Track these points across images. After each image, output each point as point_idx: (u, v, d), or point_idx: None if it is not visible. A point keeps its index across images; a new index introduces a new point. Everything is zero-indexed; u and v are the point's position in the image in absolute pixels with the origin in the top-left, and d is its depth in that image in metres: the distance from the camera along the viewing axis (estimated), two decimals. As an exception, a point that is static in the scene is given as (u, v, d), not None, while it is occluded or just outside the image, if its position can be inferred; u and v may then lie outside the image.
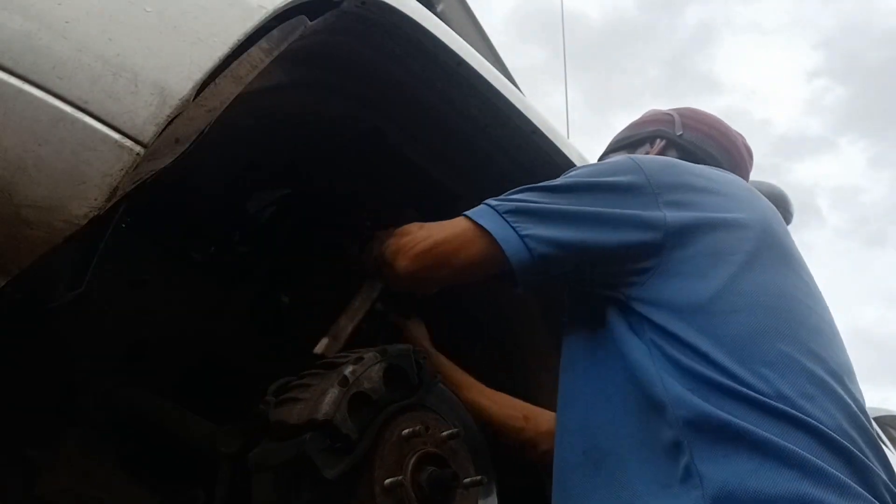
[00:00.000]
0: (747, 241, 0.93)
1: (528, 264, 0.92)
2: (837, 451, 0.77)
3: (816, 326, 0.92)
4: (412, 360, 1.05)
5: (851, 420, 0.83)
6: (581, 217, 0.93)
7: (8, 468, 1.07)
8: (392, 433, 0.97)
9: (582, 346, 0.98)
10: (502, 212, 0.95)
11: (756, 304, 0.88)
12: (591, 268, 0.95)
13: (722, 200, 0.98)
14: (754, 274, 0.91)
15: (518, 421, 1.25)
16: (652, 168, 0.97)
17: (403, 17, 1.06)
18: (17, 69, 0.62)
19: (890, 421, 3.78)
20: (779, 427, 0.77)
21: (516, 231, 0.93)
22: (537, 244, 0.92)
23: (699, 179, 1.00)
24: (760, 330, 0.86)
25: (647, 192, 0.94)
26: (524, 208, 0.95)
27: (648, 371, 0.85)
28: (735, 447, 0.77)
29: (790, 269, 0.96)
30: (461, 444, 1.06)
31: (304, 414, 0.91)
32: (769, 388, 0.80)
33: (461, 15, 2.69)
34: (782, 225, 1.02)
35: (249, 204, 1.35)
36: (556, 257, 0.93)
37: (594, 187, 0.96)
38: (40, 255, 0.64)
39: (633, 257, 0.92)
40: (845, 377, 0.89)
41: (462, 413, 1.14)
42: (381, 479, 0.93)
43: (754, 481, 0.74)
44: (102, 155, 0.64)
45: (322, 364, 1.00)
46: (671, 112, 1.34)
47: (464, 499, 1.01)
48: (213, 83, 0.76)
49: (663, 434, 0.81)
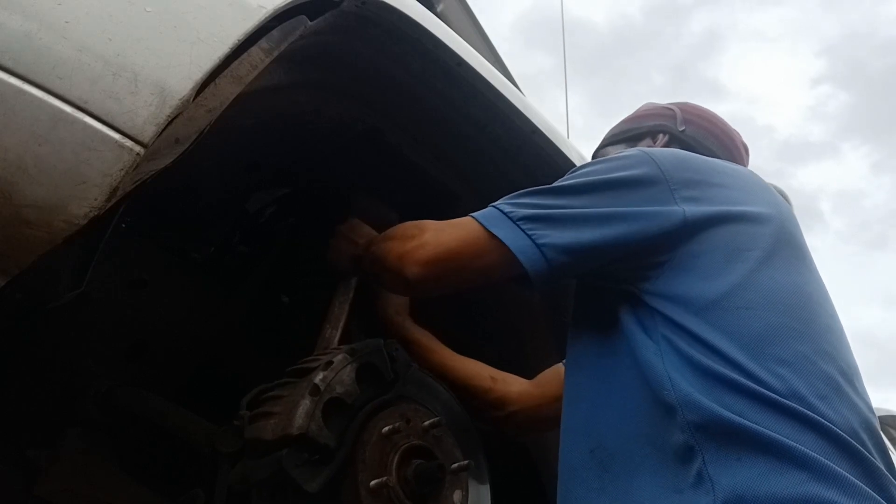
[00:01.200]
0: (765, 237, 0.92)
1: (546, 273, 0.90)
2: (848, 452, 0.77)
3: (828, 325, 0.91)
4: (384, 354, 1.02)
5: (862, 422, 0.83)
6: (597, 218, 0.91)
7: (8, 468, 1.08)
8: (372, 433, 0.95)
9: (589, 344, 0.96)
10: (516, 219, 0.92)
11: (773, 302, 0.87)
12: (608, 265, 0.93)
13: (738, 195, 0.96)
14: (771, 270, 0.89)
15: (485, 381, 1.23)
16: (666, 161, 0.95)
17: (403, 16, 1.06)
18: (17, 69, 0.62)
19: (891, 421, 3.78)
20: (791, 427, 0.76)
21: (532, 240, 0.90)
22: (555, 253, 0.89)
23: (715, 174, 0.98)
24: (776, 328, 0.84)
25: (663, 185, 0.92)
26: (538, 215, 0.92)
27: (657, 371, 0.84)
28: (747, 450, 0.76)
29: (804, 266, 0.95)
30: (445, 431, 1.04)
31: (278, 430, 0.89)
32: (784, 387, 0.79)
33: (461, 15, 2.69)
34: (795, 220, 1.01)
35: (249, 204, 1.35)
36: (573, 263, 0.91)
37: (608, 185, 0.93)
38: (40, 255, 0.64)
39: (649, 251, 0.90)
40: (854, 378, 0.88)
41: (443, 396, 1.12)
42: (367, 482, 0.91)
43: (765, 484, 0.73)
44: (102, 155, 0.64)
45: (292, 371, 0.98)
46: (672, 106, 1.32)
47: (453, 484, 1.01)
48: (213, 83, 0.76)
49: (674, 437, 0.80)
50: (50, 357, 1.06)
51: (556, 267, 0.90)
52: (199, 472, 1.12)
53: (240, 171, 1.25)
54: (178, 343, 1.21)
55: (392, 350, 1.05)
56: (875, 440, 0.83)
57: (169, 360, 1.21)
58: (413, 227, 1.03)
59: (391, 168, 1.30)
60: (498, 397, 1.23)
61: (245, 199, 1.34)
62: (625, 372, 0.88)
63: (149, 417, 1.12)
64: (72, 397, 1.10)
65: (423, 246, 0.97)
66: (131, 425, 1.13)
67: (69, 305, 0.87)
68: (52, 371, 1.07)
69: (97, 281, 1.02)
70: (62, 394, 1.09)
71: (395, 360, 1.04)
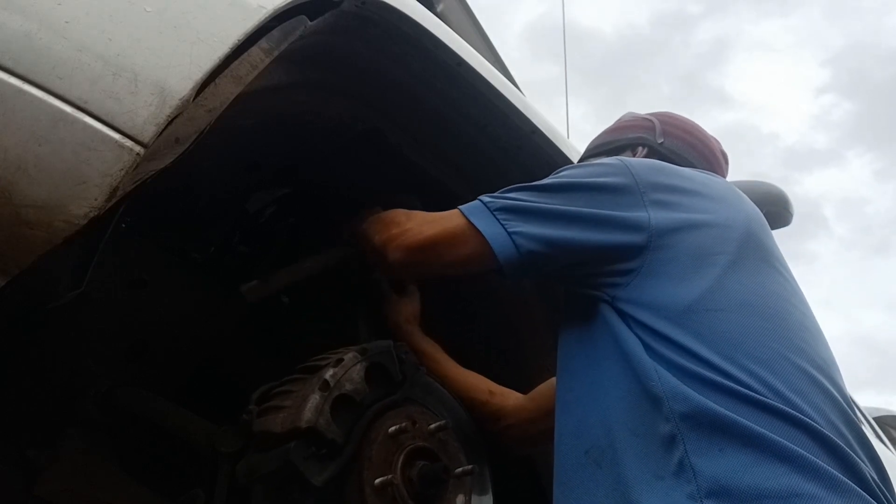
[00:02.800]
0: (730, 242, 0.96)
1: (515, 260, 0.95)
2: (828, 447, 0.79)
3: (801, 323, 0.94)
4: (393, 355, 1.04)
5: (841, 416, 0.85)
6: (569, 216, 0.95)
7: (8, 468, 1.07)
8: (378, 432, 0.97)
9: (578, 349, 0.99)
10: (493, 209, 0.98)
11: (743, 304, 0.90)
12: (579, 267, 0.97)
13: (706, 202, 1.00)
14: (739, 275, 0.93)
15: (482, 394, 1.27)
16: (640, 169, 1.01)
17: (403, 16, 1.06)
18: (17, 69, 0.62)
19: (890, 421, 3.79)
20: (771, 423, 0.78)
21: (505, 228, 0.95)
22: (525, 241, 0.94)
23: (685, 181, 1.03)
24: (749, 328, 0.87)
25: (635, 192, 0.97)
26: (514, 206, 0.97)
27: (644, 363, 0.86)
28: (729, 441, 0.78)
29: (773, 269, 0.98)
30: (450, 435, 1.06)
31: (287, 423, 0.91)
32: (761, 385, 0.82)
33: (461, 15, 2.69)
34: (764, 225, 1.05)
35: (249, 204, 1.35)
36: (542, 254, 0.95)
37: (584, 187, 0.98)
38: (40, 255, 0.64)
39: (618, 258, 0.94)
40: (832, 371, 0.91)
41: (450, 402, 1.14)
42: (371, 480, 0.93)
43: (749, 476, 0.75)
44: (102, 155, 0.64)
45: (303, 368, 1.00)
46: (651, 118, 1.34)
47: (456, 489, 1.01)
48: (213, 83, 0.76)
49: (659, 427, 0.82)
50: (50, 357, 1.06)
51: (525, 256, 0.94)
52: (199, 472, 1.12)
53: (240, 171, 1.25)
54: (177, 343, 1.21)
55: (401, 353, 1.06)
56: (855, 432, 0.85)
57: (169, 360, 1.20)
58: (402, 214, 1.10)
59: (391, 168, 1.30)
60: (494, 411, 1.26)
61: (245, 199, 1.34)
62: (612, 366, 0.90)
63: (149, 417, 1.12)
64: (72, 397, 1.10)
65: (406, 233, 1.05)
66: (131, 425, 1.13)
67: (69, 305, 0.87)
68: (52, 371, 1.07)
69: (97, 281, 1.02)
70: (62, 394, 1.09)
71: (404, 363, 1.06)
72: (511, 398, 1.27)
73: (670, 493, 0.77)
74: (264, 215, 1.36)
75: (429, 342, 1.31)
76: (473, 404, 1.25)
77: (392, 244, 1.06)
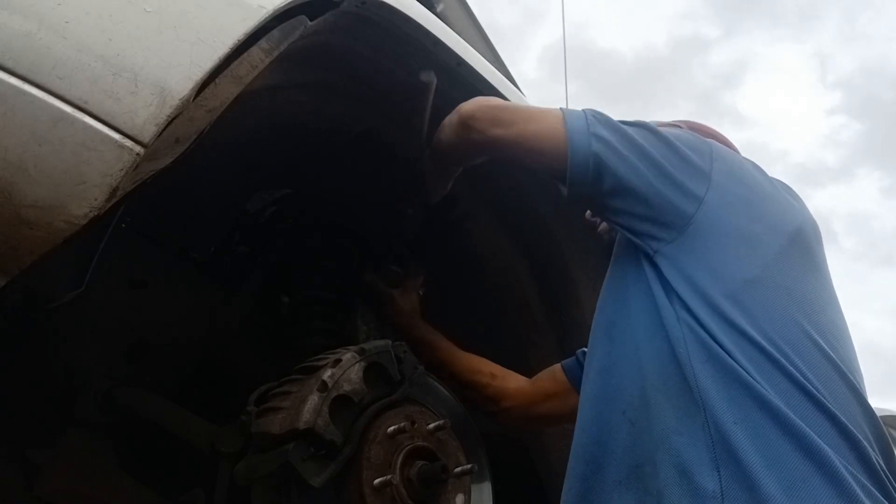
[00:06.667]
0: (781, 236, 0.98)
1: (581, 155, 0.98)
2: (846, 437, 0.81)
3: (836, 323, 0.96)
4: (391, 355, 1.04)
5: (864, 413, 0.87)
6: (644, 153, 0.99)
7: (8, 468, 1.07)
8: (377, 432, 0.97)
9: (619, 309, 1.01)
10: (587, 112, 1.03)
11: (780, 287, 0.93)
12: (631, 204, 0.99)
13: (765, 202, 1.03)
14: (783, 265, 0.96)
15: (485, 377, 1.30)
16: (720, 156, 1.04)
17: (403, 16, 1.06)
18: (17, 69, 0.62)
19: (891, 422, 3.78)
20: (791, 395, 0.82)
21: (588, 125, 1.00)
22: (598, 143, 0.98)
23: (752, 176, 1.06)
24: (783, 311, 0.90)
25: (705, 172, 1.00)
26: (607, 120, 1.02)
27: (673, 327, 0.90)
28: (749, 410, 0.81)
29: (817, 271, 1.01)
30: (449, 434, 1.06)
31: (286, 424, 0.91)
32: (787, 361, 0.85)
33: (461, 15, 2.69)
34: (817, 233, 1.07)
35: (249, 204, 1.35)
36: (606, 164, 0.98)
37: (671, 145, 1.02)
38: (40, 255, 0.64)
39: (664, 212, 0.97)
40: (858, 376, 0.93)
41: (449, 401, 1.14)
42: (371, 480, 0.93)
43: (763, 447, 0.79)
44: (102, 155, 0.64)
45: (301, 369, 1.00)
46: (680, 123, 1.34)
47: (456, 488, 1.01)
48: (214, 83, 0.76)
49: (683, 387, 0.86)
50: (50, 357, 1.06)
51: (591, 157, 0.98)
52: (199, 472, 1.12)
53: (240, 171, 1.25)
54: (178, 343, 1.21)
55: (399, 352, 1.06)
56: (877, 434, 0.87)
57: (169, 360, 1.21)
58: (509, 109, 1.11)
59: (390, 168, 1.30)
60: (495, 393, 1.29)
61: (245, 199, 1.34)
62: (649, 329, 0.94)
63: (149, 417, 1.12)
64: (72, 397, 1.10)
65: (493, 100, 1.10)
66: (131, 425, 1.13)
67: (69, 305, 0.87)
68: (52, 371, 1.07)
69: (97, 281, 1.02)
70: (62, 394, 1.09)
71: (402, 362, 1.06)
72: (512, 381, 1.30)
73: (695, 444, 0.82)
74: (264, 215, 1.36)
75: (431, 331, 1.33)
76: (476, 386, 1.29)
77: (472, 102, 1.09)
